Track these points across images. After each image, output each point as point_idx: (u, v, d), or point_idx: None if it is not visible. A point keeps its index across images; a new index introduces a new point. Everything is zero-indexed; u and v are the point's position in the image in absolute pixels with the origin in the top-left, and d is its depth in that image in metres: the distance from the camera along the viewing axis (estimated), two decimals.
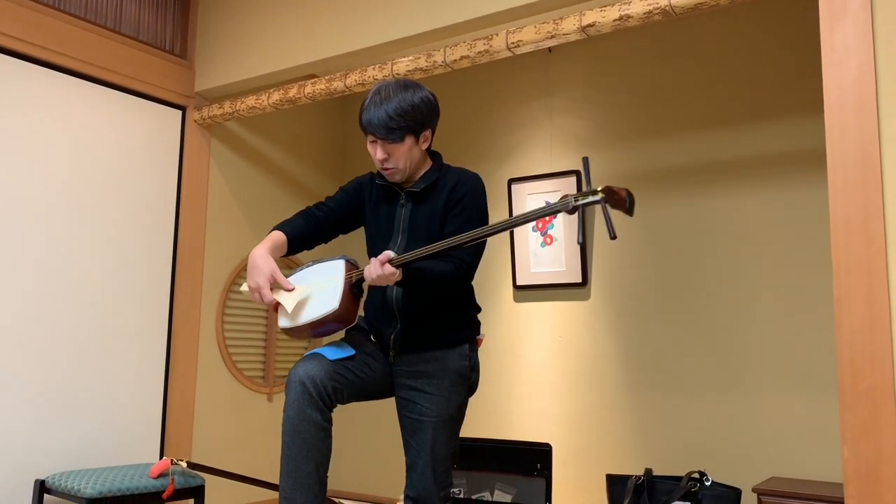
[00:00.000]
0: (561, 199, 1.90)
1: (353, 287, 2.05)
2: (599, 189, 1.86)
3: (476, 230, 1.94)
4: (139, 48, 3.50)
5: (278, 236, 2.15)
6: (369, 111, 2.07)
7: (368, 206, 2.24)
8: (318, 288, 2.07)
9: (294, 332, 2.07)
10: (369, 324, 2.21)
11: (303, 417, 1.93)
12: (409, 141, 2.08)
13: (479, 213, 2.13)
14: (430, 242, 2.05)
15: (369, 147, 2.13)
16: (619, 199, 1.87)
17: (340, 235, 2.30)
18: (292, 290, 2.07)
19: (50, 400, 3.09)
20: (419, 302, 2.10)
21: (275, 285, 2.07)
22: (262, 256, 2.07)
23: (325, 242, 2.27)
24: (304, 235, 2.19)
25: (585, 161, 1.88)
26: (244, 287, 2.12)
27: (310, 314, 2.02)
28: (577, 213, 1.88)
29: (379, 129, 2.05)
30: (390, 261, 1.93)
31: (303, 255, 4.01)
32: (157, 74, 3.56)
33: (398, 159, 2.09)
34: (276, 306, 2.08)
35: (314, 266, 2.15)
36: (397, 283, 1.99)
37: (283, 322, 2.08)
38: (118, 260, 3.36)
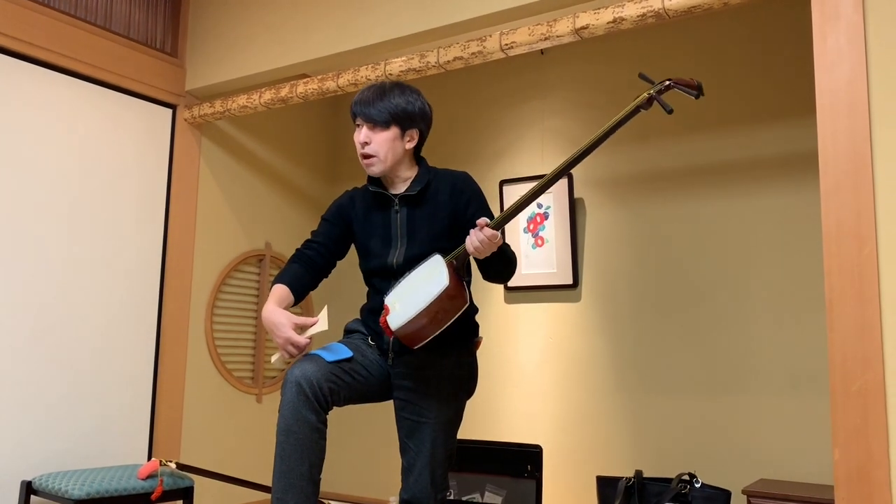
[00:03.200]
0: (635, 99, 1.94)
1: (457, 270, 1.97)
2: (666, 79, 1.95)
3: (572, 155, 1.94)
4: (130, 46, 3.48)
5: (281, 290, 2.12)
6: (362, 94, 2.12)
7: (357, 220, 2.22)
8: (419, 281, 1.98)
9: (412, 330, 1.93)
10: (367, 326, 2.20)
11: (298, 418, 1.92)
12: (394, 130, 2.09)
13: (486, 202, 2.17)
14: (432, 245, 2.04)
15: (355, 134, 2.15)
16: (688, 81, 1.96)
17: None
18: (316, 322, 2.04)
19: (37, 400, 3.06)
20: (497, 274, 2.11)
21: (299, 330, 2.02)
22: (273, 311, 2.03)
23: (326, 276, 2.26)
24: (305, 280, 2.17)
25: (643, 74, 2.00)
26: (275, 357, 2.07)
27: (422, 300, 1.90)
28: (654, 102, 1.93)
29: (366, 108, 2.08)
30: (488, 225, 1.91)
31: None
32: (148, 73, 3.53)
33: (379, 147, 2.09)
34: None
35: (410, 273, 2.05)
36: (491, 257, 1.96)
37: (395, 323, 1.93)
38: (106, 259, 3.33)
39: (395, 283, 2.05)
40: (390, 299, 2.00)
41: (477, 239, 1.91)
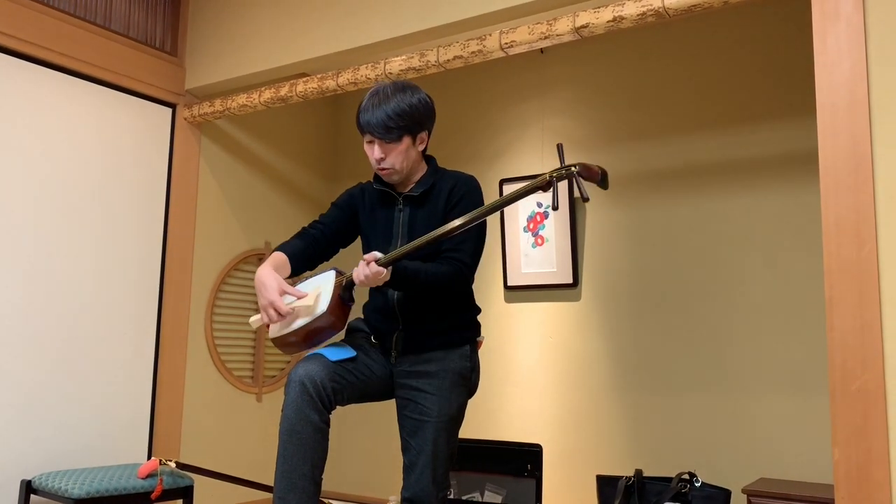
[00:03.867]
0: (538, 178, 1.94)
1: (343, 292, 2.04)
2: (573, 165, 1.94)
3: (452, 223, 1.95)
4: (129, 45, 3.47)
5: (280, 257, 2.13)
6: (367, 112, 2.09)
7: (363, 214, 2.24)
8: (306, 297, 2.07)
9: (284, 342, 2.06)
10: (370, 325, 2.20)
11: (301, 418, 1.93)
12: (406, 141, 2.10)
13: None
14: (430, 246, 2.04)
15: (366, 148, 2.15)
16: (593, 173, 1.96)
17: (340, 250, 2.30)
18: (304, 296, 2.04)
19: (37, 399, 3.05)
20: (420, 303, 2.11)
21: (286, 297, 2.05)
22: (267, 274, 2.05)
23: (327, 260, 2.26)
24: (305, 254, 2.18)
25: (560, 147, 1.97)
26: (253, 319, 2.09)
27: (299, 322, 2.01)
28: (552, 187, 1.94)
29: (377, 128, 2.07)
30: (377, 260, 1.93)
31: None
32: (147, 72, 3.53)
33: (395, 159, 2.11)
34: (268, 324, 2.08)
35: (306, 281, 2.15)
36: (388, 285, 1.98)
37: (273, 331, 2.06)
38: (107, 258, 3.33)
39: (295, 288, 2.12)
40: (300, 305, 2.09)
41: (362, 273, 1.93)
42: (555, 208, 1.92)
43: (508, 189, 3.85)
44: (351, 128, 4.52)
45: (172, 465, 2.99)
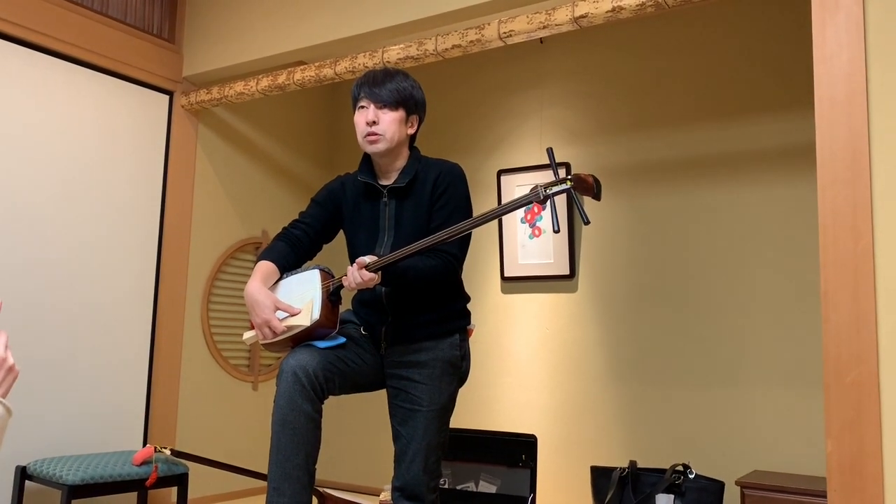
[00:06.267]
0: (531, 190, 1.92)
1: (331, 296, 2.04)
2: (568, 177, 1.91)
3: (444, 231, 1.95)
4: (126, 31, 3.46)
5: (267, 266, 2.11)
6: (367, 78, 2.11)
7: (346, 209, 2.20)
8: (299, 301, 2.05)
9: (275, 346, 2.06)
10: (359, 318, 2.19)
11: (294, 408, 1.92)
12: (400, 112, 2.10)
13: (463, 204, 2.12)
14: (417, 238, 2.03)
15: (357, 116, 2.12)
16: (588, 186, 1.94)
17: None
18: (298, 313, 2.02)
19: (32, 386, 3.06)
20: (408, 295, 2.10)
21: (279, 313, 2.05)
22: (259, 290, 2.04)
23: (311, 259, 2.25)
24: (290, 259, 2.16)
25: (550, 151, 1.94)
26: (247, 335, 2.09)
27: (293, 331, 2.01)
28: (549, 203, 1.91)
29: (376, 89, 2.08)
30: (367, 266, 1.93)
31: None
32: (145, 58, 3.52)
33: (387, 127, 2.08)
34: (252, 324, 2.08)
35: (290, 278, 2.12)
36: (380, 285, 1.98)
37: (267, 339, 2.06)
38: (103, 246, 3.33)
39: (277, 285, 2.11)
40: (295, 321, 2.07)
41: (354, 281, 1.93)
42: (556, 231, 1.90)
43: (506, 180, 3.84)
44: (348, 117, 4.50)
45: (168, 452, 2.99)
